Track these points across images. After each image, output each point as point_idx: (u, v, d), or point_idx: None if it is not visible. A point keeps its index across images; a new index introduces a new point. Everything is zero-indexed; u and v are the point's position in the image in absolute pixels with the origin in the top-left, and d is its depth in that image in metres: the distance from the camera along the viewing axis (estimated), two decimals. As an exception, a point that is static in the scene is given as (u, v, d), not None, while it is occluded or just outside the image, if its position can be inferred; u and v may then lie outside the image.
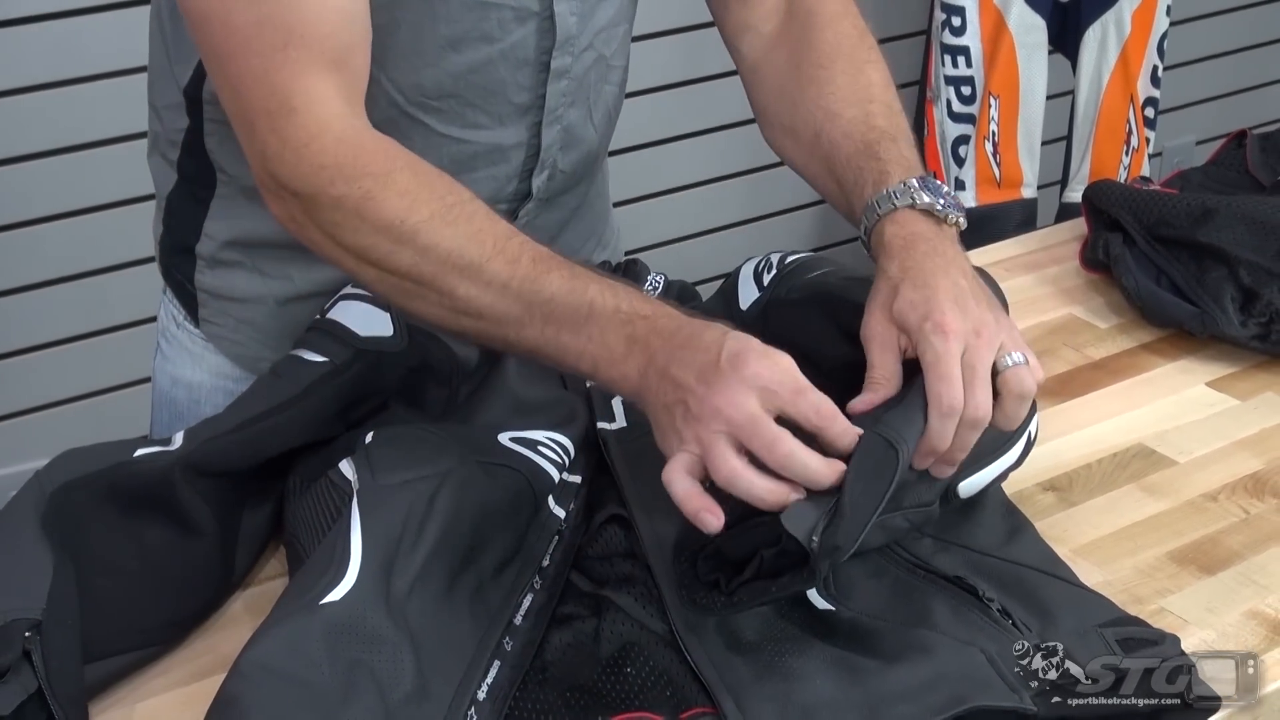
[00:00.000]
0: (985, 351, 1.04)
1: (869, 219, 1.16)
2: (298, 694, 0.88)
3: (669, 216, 2.89)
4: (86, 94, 2.27)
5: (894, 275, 1.10)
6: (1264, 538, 1.17)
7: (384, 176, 1.06)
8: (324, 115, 1.07)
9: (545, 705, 0.96)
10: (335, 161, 1.06)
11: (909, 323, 1.06)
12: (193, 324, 1.35)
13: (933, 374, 1.04)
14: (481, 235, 1.05)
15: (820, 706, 0.92)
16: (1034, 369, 1.06)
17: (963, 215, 1.16)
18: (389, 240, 1.06)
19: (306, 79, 1.07)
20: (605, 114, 1.36)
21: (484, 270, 1.04)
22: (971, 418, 1.03)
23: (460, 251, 1.05)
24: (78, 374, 2.43)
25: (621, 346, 1.01)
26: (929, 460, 1.05)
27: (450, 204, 1.06)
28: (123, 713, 1.00)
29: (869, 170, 1.18)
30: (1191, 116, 3.49)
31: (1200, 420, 1.34)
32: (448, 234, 1.05)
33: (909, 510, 1.08)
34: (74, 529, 1.04)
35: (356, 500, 1.02)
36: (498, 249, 1.05)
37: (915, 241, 1.12)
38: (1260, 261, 1.42)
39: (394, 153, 1.09)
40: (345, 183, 1.06)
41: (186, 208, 1.32)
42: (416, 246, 1.05)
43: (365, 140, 1.08)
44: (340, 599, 0.94)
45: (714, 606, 0.99)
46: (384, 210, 1.05)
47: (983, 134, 2.81)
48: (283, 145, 1.07)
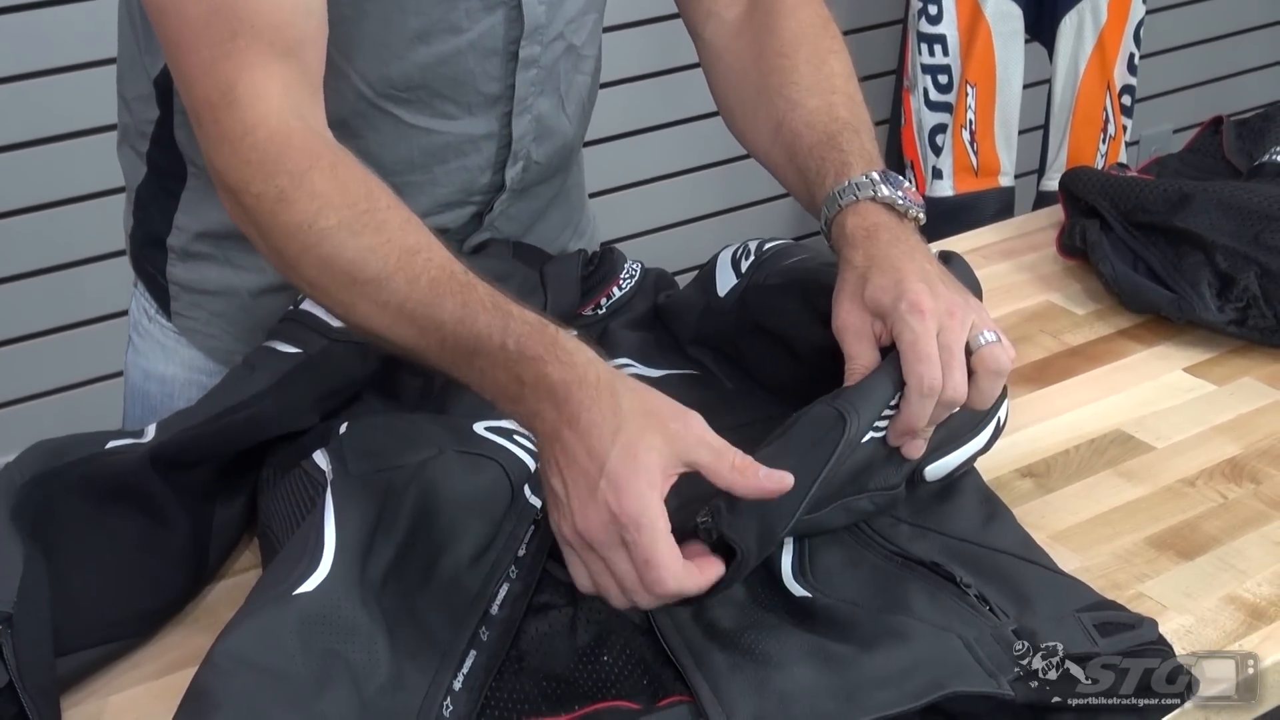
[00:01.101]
0: (959, 331, 1.05)
1: (829, 209, 1.16)
2: (271, 685, 0.87)
3: (646, 207, 2.88)
4: (57, 86, 2.26)
5: (859, 264, 1.10)
6: (1241, 523, 1.17)
7: (300, 175, 1.02)
8: (263, 110, 1.04)
9: (522, 694, 0.95)
10: (259, 158, 1.03)
11: (882, 306, 1.06)
12: (165, 317, 1.35)
13: (911, 354, 1.04)
14: (386, 248, 1.00)
15: (797, 693, 0.92)
16: (1006, 347, 1.07)
17: (922, 211, 1.16)
18: (296, 245, 1.02)
19: (252, 72, 1.05)
20: (579, 104, 1.35)
21: (382, 288, 1.00)
22: (949, 398, 1.04)
23: (362, 264, 1.00)
24: (50, 368, 2.42)
25: (512, 386, 0.96)
26: (905, 439, 1.05)
27: (361, 211, 1.01)
28: (95, 706, 0.99)
29: (831, 161, 1.18)
30: (1169, 104, 3.50)
31: (1178, 406, 1.34)
32: (351, 244, 1.00)
33: (874, 492, 1.08)
34: (45, 521, 1.04)
35: (330, 491, 1.01)
36: (399, 265, 0.99)
37: (878, 231, 1.12)
38: (1237, 246, 1.42)
39: (318, 151, 1.04)
40: (263, 180, 1.02)
41: (157, 200, 1.31)
42: (320, 255, 1.01)
43: (293, 137, 1.04)
44: (314, 589, 0.93)
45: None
46: (293, 212, 1.02)
47: (960, 123, 2.81)
48: (221, 138, 1.05)
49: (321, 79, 1.10)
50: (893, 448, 1.07)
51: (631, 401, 0.93)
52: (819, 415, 1.03)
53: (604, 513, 0.91)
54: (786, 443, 1.01)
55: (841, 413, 1.01)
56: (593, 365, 0.95)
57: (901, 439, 1.06)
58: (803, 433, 1.01)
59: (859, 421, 1.01)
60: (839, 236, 1.14)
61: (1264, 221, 1.43)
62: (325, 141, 1.06)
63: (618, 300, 1.34)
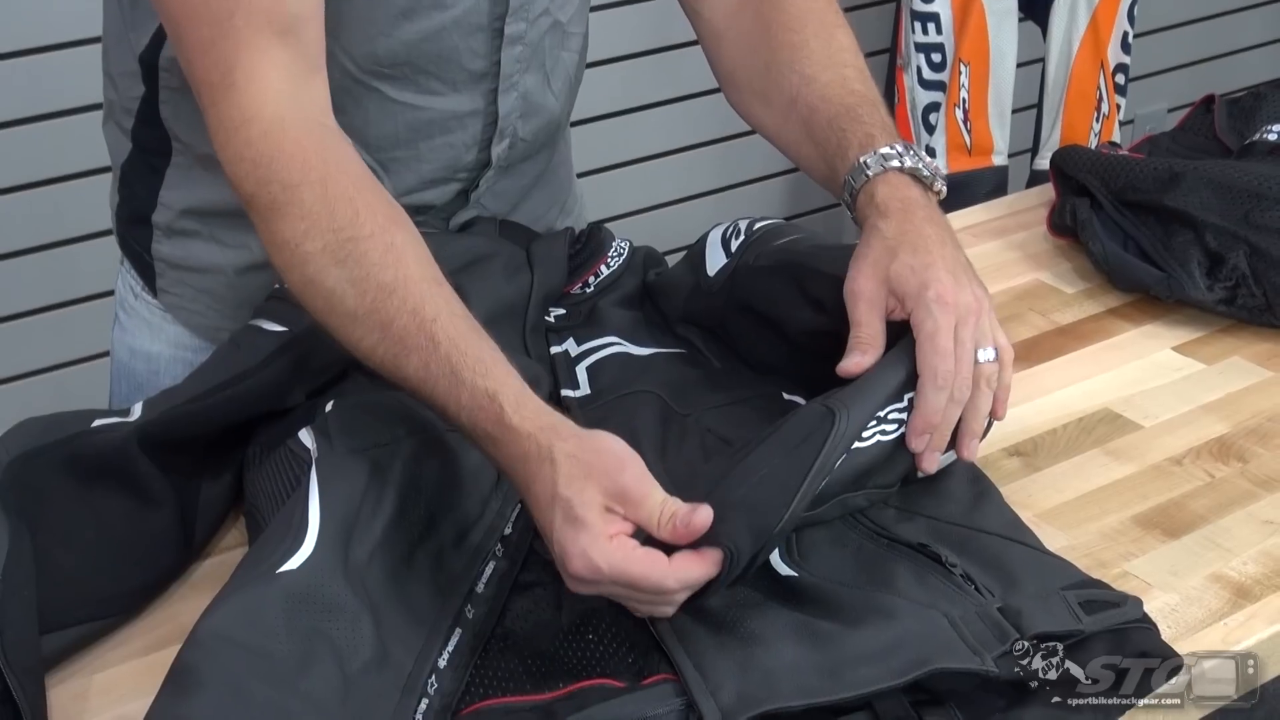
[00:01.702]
0: (974, 331, 1.06)
1: (856, 179, 1.16)
2: (255, 663, 0.87)
3: (637, 186, 2.87)
4: (45, 64, 2.25)
5: (890, 236, 1.10)
6: (1228, 502, 1.17)
7: (292, 189, 1.03)
8: (260, 98, 1.05)
9: (507, 672, 0.96)
10: (253, 157, 1.04)
11: (906, 288, 1.07)
12: (150, 294, 1.34)
13: (929, 345, 1.05)
14: (364, 284, 1.01)
15: (782, 670, 0.92)
16: (1004, 362, 1.08)
17: (945, 184, 1.17)
18: (282, 259, 1.04)
19: (251, 51, 1.05)
20: (565, 81, 1.34)
21: (357, 325, 1.02)
22: (954, 393, 1.05)
23: (340, 296, 1.02)
24: (38, 347, 2.41)
25: (479, 438, 0.99)
26: (924, 439, 1.06)
27: (344, 239, 1.02)
28: (80, 683, 0.99)
29: (853, 133, 1.18)
30: (1163, 83, 3.49)
31: (1166, 385, 1.34)
32: (333, 274, 1.02)
33: (871, 490, 1.08)
34: (31, 499, 1.04)
35: (315, 469, 1.01)
36: (374, 306, 1.01)
37: (912, 207, 1.12)
38: (1226, 225, 1.42)
39: (311, 162, 1.05)
40: (256, 184, 1.04)
41: (142, 177, 1.31)
42: (303, 275, 1.03)
43: (286, 143, 1.04)
44: (298, 567, 0.93)
45: None
46: (282, 228, 1.03)
47: (953, 101, 2.80)
48: (219, 122, 1.06)
49: (323, 57, 1.10)
50: (895, 449, 1.06)
51: (568, 468, 0.95)
52: (807, 413, 1.03)
53: (570, 577, 0.95)
54: (775, 442, 1.01)
55: (831, 409, 1.01)
56: (533, 439, 0.97)
57: (920, 439, 1.05)
58: (791, 431, 1.01)
59: (849, 418, 1.01)
60: (867, 205, 1.14)
61: (1254, 200, 1.43)
62: (319, 143, 1.06)
63: (606, 278, 1.34)
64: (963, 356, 1.06)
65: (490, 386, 0.98)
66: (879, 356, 1.08)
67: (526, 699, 0.93)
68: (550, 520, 0.94)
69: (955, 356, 1.05)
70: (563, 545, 0.94)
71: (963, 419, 1.07)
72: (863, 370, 1.07)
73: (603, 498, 0.94)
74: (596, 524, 0.93)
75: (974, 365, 1.07)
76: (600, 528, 0.93)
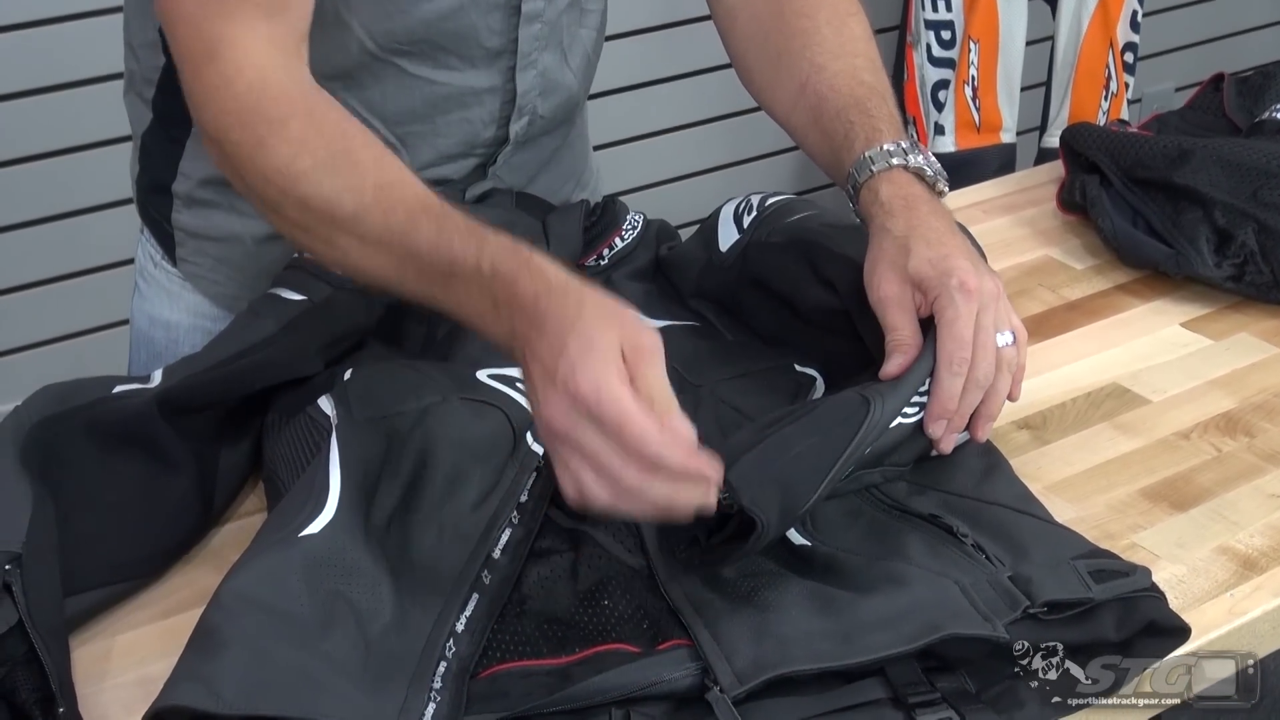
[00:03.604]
0: (994, 317, 1.07)
1: (860, 173, 1.16)
2: (277, 624, 0.88)
3: (649, 160, 2.88)
4: (63, 34, 2.26)
5: (900, 232, 1.11)
6: (1235, 475, 1.19)
7: (278, 122, 1.04)
8: (242, 63, 1.06)
9: (523, 637, 0.97)
10: (238, 108, 1.05)
11: (928, 279, 1.08)
12: (170, 263, 1.35)
13: (948, 332, 1.06)
14: (362, 184, 1.02)
15: (795, 636, 0.93)
16: (1020, 345, 1.10)
17: (947, 184, 1.18)
18: (275, 189, 1.04)
19: (233, 25, 1.06)
20: (583, 58, 1.35)
21: (360, 223, 1.01)
22: (980, 378, 1.06)
23: (338, 202, 1.02)
24: (56, 315, 2.42)
25: (487, 307, 0.97)
26: (940, 425, 1.07)
27: (336, 151, 1.03)
28: (103, 645, 1.01)
29: (860, 125, 1.19)
30: (1171, 62, 3.49)
31: (1174, 360, 1.35)
32: (328, 184, 1.02)
33: (886, 468, 1.09)
34: (52, 464, 1.05)
35: (335, 435, 1.03)
36: (375, 200, 1.01)
37: (916, 202, 1.13)
38: (1235, 203, 1.43)
39: (295, 98, 1.06)
40: (242, 129, 1.04)
41: (162, 147, 1.32)
42: (298, 196, 1.03)
43: (270, 87, 1.06)
44: (319, 531, 0.95)
45: (693, 562, 1.00)
46: (272, 157, 1.04)
47: (962, 79, 2.81)
48: (203, 89, 1.07)
49: (306, 41, 1.11)
50: (914, 432, 1.07)
51: (594, 303, 0.93)
52: (844, 398, 1.04)
53: (564, 396, 0.90)
54: (809, 422, 1.01)
55: (867, 398, 1.03)
56: (562, 276, 0.95)
57: (938, 424, 1.07)
58: (826, 414, 1.02)
59: (883, 406, 1.02)
60: (871, 202, 1.15)
61: (1263, 178, 1.44)
62: (303, 90, 1.07)
63: (620, 251, 1.35)
64: (986, 343, 1.07)
65: (514, 240, 0.98)
66: (917, 354, 1.08)
67: (543, 663, 0.95)
68: (560, 347, 0.90)
69: (978, 343, 1.06)
70: (570, 365, 0.89)
71: (981, 402, 1.08)
72: (903, 371, 1.07)
73: (621, 344, 0.91)
74: (613, 358, 0.90)
75: (996, 350, 1.08)
76: (616, 361, 0.90)
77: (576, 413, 0.89)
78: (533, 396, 0.94)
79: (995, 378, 1.08)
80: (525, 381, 0.95)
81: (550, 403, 0.91)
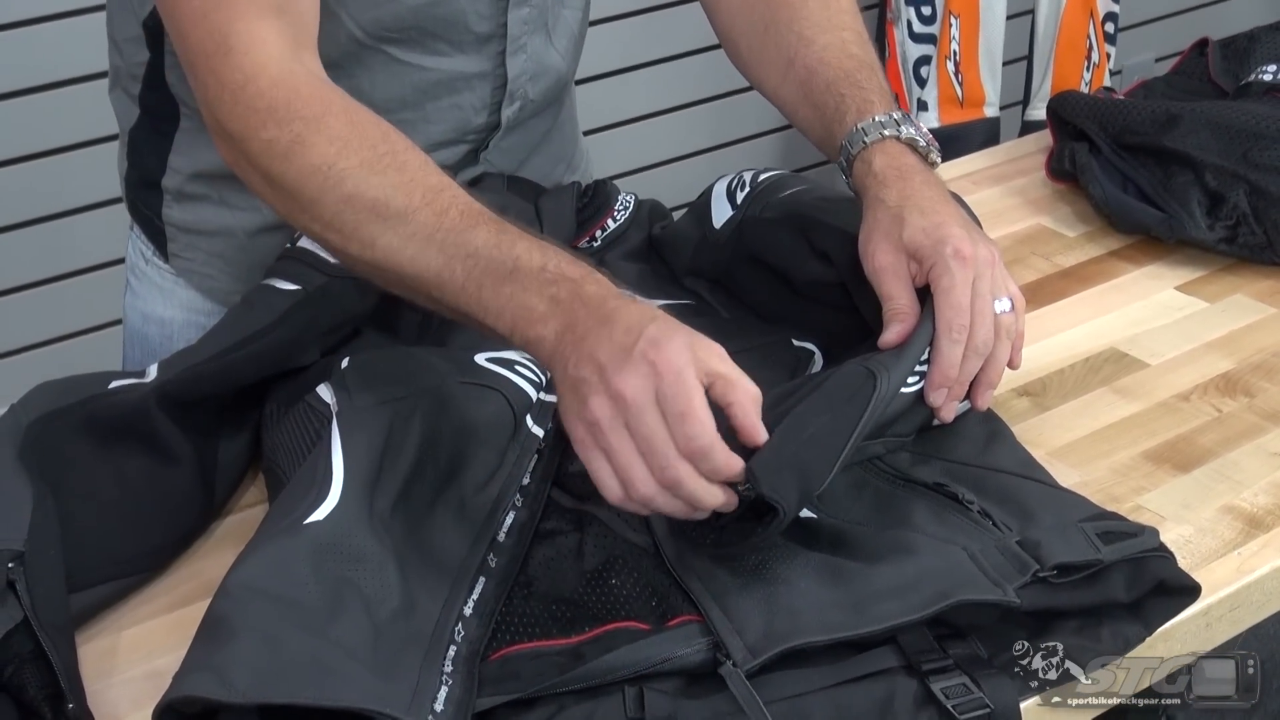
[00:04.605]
0: (991, 283, 1.07)
1: (853, 145, 1.16)
2: (285, 612, 0.88)
3: (637, 143, 2.87)
4: (46, 34, 2.24)
5: (894, 204, 1.11)
6: (1236, 435, 1.19)
7: (316, 120, 1.03)
8: (261, 58, 1.05)
9: (531, 618, 0.96)
10: (269, 104, 1.04)
11: (923, 248, 1.08)
12: (162, 259, 1.35)
13: (945, 300, 1.06)
14: (411, 185, 1.01)
15: (806, 608, 0.93)
16: (1018, 311, 1.09)
17: (939, 155, 1.18)
18: (314, 186, 1.03)
19: (245, 21, 1.05)
20: (568, 38, 1.35)
21: (409, 221, 1.00)
22: (980, 344, 1.06)
23: (386, 201, 1.01)
24: (47, 318, 2.41)
25: (543, 306, 0.96)
26: (941, 394, 1.06)
27: (381, 152, 1.03)
28: (109, 640, 1.00)
29: (851, 98, 1.19)
30: (1151, 32, 3.49)
31: (1170, 324, 1.35)
32: (375, 182, 1.01)
33: (888, 439, 1.09)
34: (52, 460, 1.04)
35: (336, 422, 1.02)
36: (425, 200, 1.01)
37: (909, 173, 1.13)
38: (1225, 165, 1.43)
39: (329, 98, 1.05)
40: (277, 126, 1.03)
41: (150, 142, 1.31)
42: (343, 194, 1.02)
43: (300, 84, 1.05)
44: (324, 518, 0.94)
45: (705, 541, 0.99)
46: (312, 155, 1.02)
47: (944, 54, 2.81)
48: (220, 87, 1.05)
49: (316, 32, 1.10)
50: (915, 401, 1.07)
51: (663, 314, 0.95)
52: (850, 373, 1.03)
53: (642, 367, 0.91)
54: (819, 400, 1.00)
55: (872, 371, 1.02)
56: (628, 293, 0.98)
57: (939, 393, 1.06)
58: (834, 391, 1.02)
59: (889, 381, 1.02)
60: (864, 174, 1.15)
61: (1252, 140, 1.44)
62: (331, 88, 1.07)
63: (613, 232, 1.35)
64: (984, 309, 1.07)
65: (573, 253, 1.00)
66: (915, 323, 1.08)
67: (554, 643, 0.94)
68: (638, 330, 0.92)
69: (975, 310, 1.06)
70: (653, 341, 0.91)
71: (981, 369, 1.08)
72: (902, 339, 1.07)
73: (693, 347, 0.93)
74: (691, 355, 0.91)
75: (994, 317, 1.07)
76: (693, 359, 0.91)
77: (649, 383, 0.90)
78: (588, 371, 0.93)
79: (995, 345, 1.08)
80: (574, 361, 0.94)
81: (624, 373, 0.91)
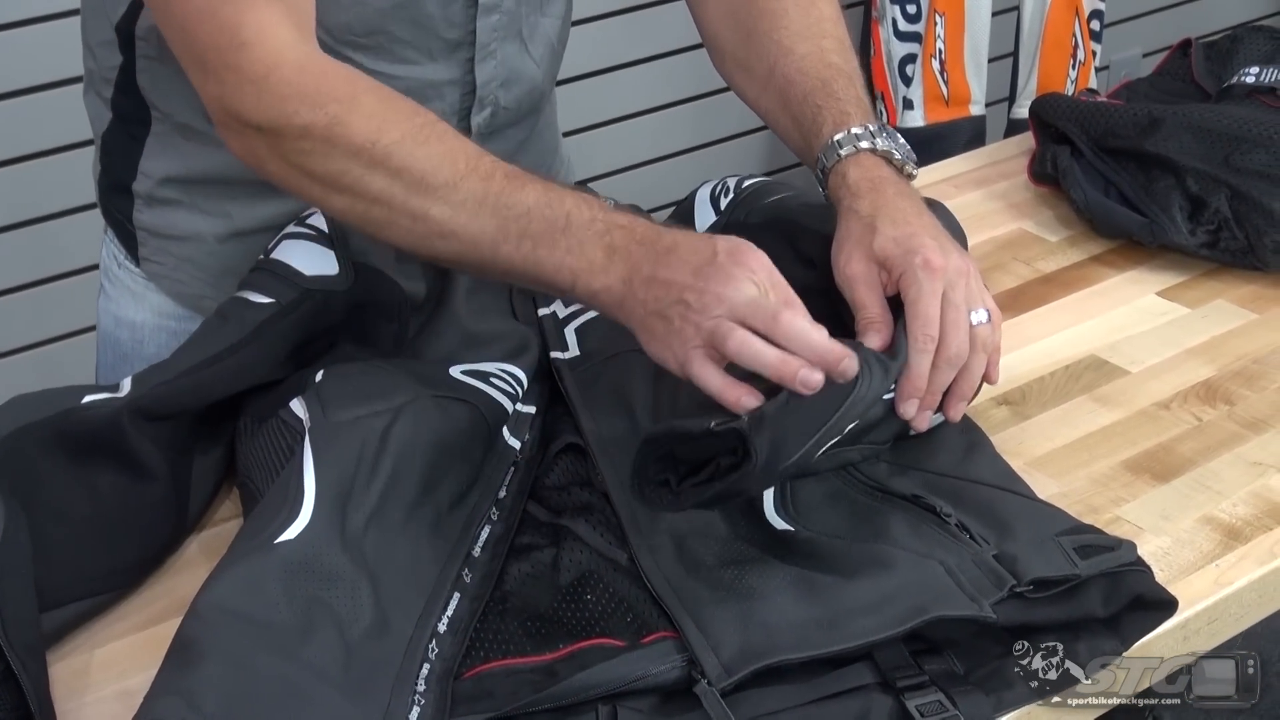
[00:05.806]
0: (965, 294, 1.07)
1: (828, 158, 1.16)
2: (257, 633, 0.87)
3: (618, 144, 2.87)
4: (21, 39, 2.23)
5: (866, 214, 1.11)
6: (1216, 444, 1.18)
7: (350, 101, 1.05)
8: (277, 45, 1.05)
9: (506, 635, 0.96)
10: (298, 90, 1.04)
11: (893, 258, 1.07)
12: (133, 263, 1.34)
13: (913, 310, 1.05)
14: (454, 154, 1.04)
15: (781, 623, 0.92)
16: (994, 329, 1.09)
17: (916, 167, 1.18)
18: (360, 165, 1.04)
19: (253, 11, 1.05)
20: (546, 47, 1.34)
21: (458, 189, 1.03)
22: (953, 355, 1.05)
23: (434, 171, 1.04)
24: (21, 324, 2.40)
25: (601, 256, 1.01)
26: (912, 406, 1.06)
27: (419, 124, 1.05)
28: (82, 660, 0.99)
29: (828, 109, 1.19)
30: (1137, 29, 3.48)
31: (1151, 330, 1.35)
32: (420, 154, 1.04)
33: (864, 446, 1.08)
34: (23, 476, 1.03)
35: (309, 438, 1.01)
36: (471, 167, 1.04)
37: (883, 184, 1.13)
38: (1207, 169, 1.42)
39: (356, 77, 1.07)
40: (310, 110, 1.04)
41: (122, 146, 1.30)
42: (389, 169, 1.04)
43: (326, 66, 1.07)
44: (295, 537, 0.93)
45: (660, 501, 0.99)
46: (353, 135, 1.04)
47: (929, 52, 2.80)
48: (240, 80, 1.05)
49: (314, 16, 1.10)
50: (890, 410, 1.06)
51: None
52: None
53: (734, 270, 0.98)
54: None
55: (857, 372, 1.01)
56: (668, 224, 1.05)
57: (909, 404, 1.06)
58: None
59: (870, 384, 1.00)
60: (839, 186, 1.15)
61: (1234, 143, 1.44)
62: (352, 68, 1.09)
63: (591, 239, 1.34)
64: (957, 320, 1.06)
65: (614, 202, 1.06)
66: (891, 330, 1.07)
67: (528, 660, 0.94)
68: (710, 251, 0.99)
69: (948, 321, 1.06)
70: (731, 249, 0.99)
71: (954, 381, 1.07)
72: (884, 348, 1.06)
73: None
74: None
75: (969, 328, 1.07)
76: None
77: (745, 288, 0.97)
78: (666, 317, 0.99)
79: (970, 357, 1.07)
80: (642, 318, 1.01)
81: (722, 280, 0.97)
